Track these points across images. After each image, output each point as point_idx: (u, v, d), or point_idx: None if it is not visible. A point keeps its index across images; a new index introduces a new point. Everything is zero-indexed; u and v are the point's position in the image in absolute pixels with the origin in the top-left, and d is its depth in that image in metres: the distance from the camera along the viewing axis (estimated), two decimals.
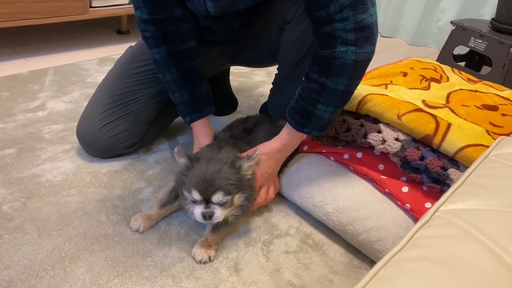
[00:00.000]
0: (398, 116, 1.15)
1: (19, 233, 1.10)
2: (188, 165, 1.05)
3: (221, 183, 1.00)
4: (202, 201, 1.01)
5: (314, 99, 1.07)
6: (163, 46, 1.22)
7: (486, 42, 2.30)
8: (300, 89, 1.11)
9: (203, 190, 0.99)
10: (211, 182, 0.99)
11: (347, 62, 1.00)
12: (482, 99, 1.38)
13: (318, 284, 1.07)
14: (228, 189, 1.01)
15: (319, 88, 1.05)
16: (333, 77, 1.03)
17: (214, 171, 1.01)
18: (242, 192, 1.07)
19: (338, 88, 1.04)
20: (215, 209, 1.01)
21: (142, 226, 1.15)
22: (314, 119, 1.09)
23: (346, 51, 0.99)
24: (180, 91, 1.25)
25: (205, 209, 1.00)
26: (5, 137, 1.48)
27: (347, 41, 0.99)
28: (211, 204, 1.01)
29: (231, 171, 1.03)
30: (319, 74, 1.04)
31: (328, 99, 1.06)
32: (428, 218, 0.59)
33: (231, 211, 1.07)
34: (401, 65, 1.56)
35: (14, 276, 0.98)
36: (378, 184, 1.18)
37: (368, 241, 1.12)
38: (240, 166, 1.05)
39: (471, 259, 0.51)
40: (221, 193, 1.00)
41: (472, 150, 1.05)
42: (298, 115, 1.11)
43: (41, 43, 2.34)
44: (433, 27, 3.09)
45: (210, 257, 1.09)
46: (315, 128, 1.12)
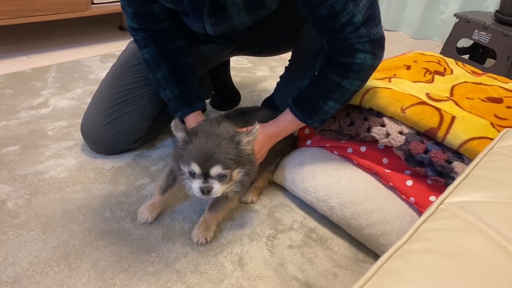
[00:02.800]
0: (402, 110, 1.14)
1: (24, 229, 1.10)
2: (186, 139, 1.02)
3: (220, 157, 0.98)
4: (200, 175, 0.99)
5: (326, 96, 1.11)
6: (152, 46, 1.24)
7: (490, 35, 2.28)
8: (311, 83, 1.12)
9: (202, 163, 0.98)
10: (210, 156, 0.97)
11: (364, 68, 1.06)
12: (486, 91, 1.37)
13: (322, 278, 1.06)
14: (227, 163, 0.99)
15: (333, 86, 1.09)
16: (349, 78, 1.07)
17: (213, 145, 0.99)
18: (241, 167, 1.04)
19: (351, 88, 1.10)
20: (213, 183, 0.99)
21: (149, 217, 1.15)
22: (321, 113, 1.14)
23: (365, 58, 1.04)
24: (170, 88, 1.25)
25: (203, 183, 0.98)
26: (9, 134, 1.49)
27: (364, 50, 1.04)
28: (210, 178, 0.99)
29: (230, 145, 1.01)
30: (336, 74, 1.08)
31: (339, 97, 1.11)
32: (433, 210, 0.59)
33: (230, 186, 1.05)
34: (404, 58, 1.55)
35: (20, 272, 0.99)
36: (382, 178, 1.18)
37: (373, 235, 1.12)
38: (239, 140, 1.02)
39: (476, 251, 0.50)
40: (220, 166, 0.98)
41: (476, 142, 1.05)
42: (307, 107, 1.14)
43: (43, 40, 2.34)
44: (437, 20, 3.07)
45: (207, 238, 1.09)
46: (318, 121, 1.17)
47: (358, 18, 0.99)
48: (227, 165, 0.99)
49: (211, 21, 1.11)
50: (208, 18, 1.10)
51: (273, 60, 2.32)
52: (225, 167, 0.99)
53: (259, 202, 1.29)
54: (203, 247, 1.11)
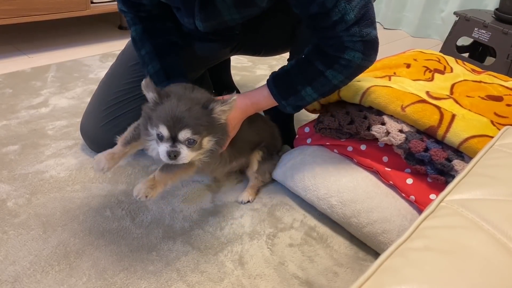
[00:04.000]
0: (402, 108, 1.14)
1: (24, 229, 1.10)
2: (157, 100, 0.98)
3: (190, 122, 0.94)
4: (168, 139, 0.95)
5: (306, 81, 1.10)
6: (139, 24, 1.23)
7: (490, 33, 2.28)
8: (295, 64, 1.12)
9: (171, 126, 0.94)
10: (180, 119, 0.94)
11: (352, 65, 1.06)
12: (486, 89, 1.37)
13: (323, 276, 1.07)
14: (197, 128, 0.95)
15: (316, 74, 1.08)
16: (334, 70, 1.07)
17: (184, 108, 0.95)
18: (212, 136, 1.00)
19: (333, 81, 1.09)
20: (181, 148, 0.95)
21: (106, 166, 1.08)
22: (297, 97, 1.12)
23: (354, 55, 1.04)
24: (152, 63, 1.22)
25: (171, 147, 0.95)
26: (9, 133, 1.49)
27: (355, 49, 1.03)
28: (178, 143, 0.95)
29: (203, 111, 0.97)
30: (321, 63, 1.07)
31: (319, 87, 1.10)
32: (433, 208, 0.59)
33: (199, 154, 1.01)
34: (404, 57, 1.55)
35: (20, 271, 0.99)
36: (382, 176, 1.18)
37: (373, 233, 1.12)
38: (213, 108, 0.98)
39: (477, 248, 0.50)
40: (189, 131, 0.94)
41: (476, 141, 1.05)
42: (285, 88, 1.12)
43: (43, 40, 2.34)
44: (436, 18, 3.07)
45: (147, 196, 1.02)
46: (292, 106, 1.15)
47: (351, 16, 0.98)
48: (197, 130, 0.95)
49: (202, 17, 1.11)
50: (199, 14, 1.10)
51: (272, 59, 2.32)
52: (195, 132, 0.95)
53: (259, 200, 1.29)
54: (203, 245, 1.11)
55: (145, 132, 1.03)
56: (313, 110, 1.42)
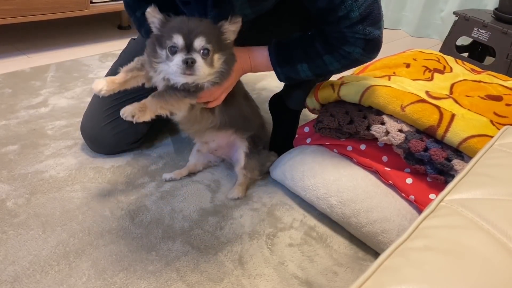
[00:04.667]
0: (401, 107, 1.14)
1: (23, 229, 1.10)
2: (164, 20, 1.01)
3: (204, 30, 0.97)
4: (183, 49, 0.97)
5: (304, 58, 1.13)
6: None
7: (489, 33, 2.28)
8: (298, 39, 1.15)
9: (186, 34, 0.96)
10: (194, 28, 0.97)
11: (350, 57, 1.10)
12: (486, 89, 1.37)
13: (322, 276, 1.06)
14: (210, 37, 0.98)
15: (315, 55, 1.12)
16: (332, 57, 1.11)
17: (197, 20, 1.00)
18: (222, 53, 1.03)
19: (329, 67, 1.13)
20: (196, 57, 0.97)
21: (104, 89, 1.05)
22: (292, 69, 1.15)
23: (354, 50, 1.08)
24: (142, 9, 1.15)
25: (186, 55, 0.96)
26: (8, 133, 1.48)
27: (356, 44, 1.07)
28: (193, 52, 0.97)
29: (212, 26, 1.02)
30: (322, 46, 1.11)
31: (315, 67, 1.14)
32: (433, 208, 0.59)
33: (210, 73, 1.02)
34: (404, 56, 1.55)
35: (20, 271, 0.99)
36: (382, 176, 1.18)
37: (373, 233, 1.12)
38: (221, 25, 1.02)
39: (477, 248, 0.50)
40: (203, 38, 0.96)
41: (476, 140, 1.04)
42: (283, 57, 1.15)
43: (43, 40, 2.34)
44: (436, 18, 3.06)
45: (135, 116, 1.01)
46: (284, 75, 1.18)
47: (356, 14, 1.01)
48: (210, 39, 0.98)
49: (215, 14, 1.10)
50: (212, 11, 1.09)
51: None
52: (209, 41, 0.97)
53: (259, 200, 1.29)
54: (203, 245, 1.11)
55: (152, 56, 1.03)
56: (312, 110, 1.42)
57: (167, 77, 1.03)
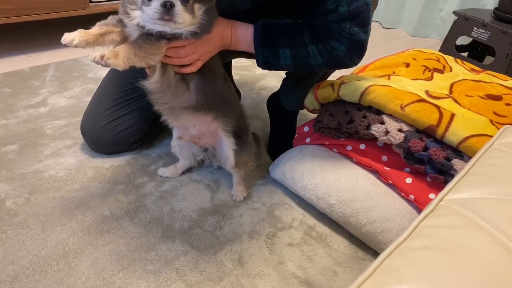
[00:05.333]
0: (401, 107, 1.14)
1: (23, 228, 1.10)
2: None
3: None
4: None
5: (289, 44, 1.10)
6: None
7: (489, 32, 2.28)
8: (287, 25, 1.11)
9: None
10: None
11: (334, 53, 1.08)
12: (485, 89, 1.37)
13: (322, 276, 1.06)
14: None
15: (300, 42, 1.09)
16: (316, 49, 1.08)
17: None
18: (202, 3, 0.96)
19: (311, 60, 1.10)
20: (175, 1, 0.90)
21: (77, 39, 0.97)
22: (273, 52, 1.12)
23: (339, 47, 1.07)
24: None
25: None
26: (8, 133, 1.48)
27: (341, 41, 1.06)
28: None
29: None
30: (308, 35, 1.08)
31: (297, 56, 1.10)
32: (432, 207, 0.59)
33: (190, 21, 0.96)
34: (403, 56, 1.55)
35: (19, 271, 0.99)
36: (381, 176, 1.18)
37: (372, 232, 1.12)
38: None
39: (476, 248, 0.50)
40: None
41: (476, 140, 1.04)
42: (269, 38, 1.11)
43: (42, 39, 2.34)
44: (436, 17, 3.07)
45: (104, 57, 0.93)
46: (264, 58, 1.13)
47: (344, 9, 1.01)
48: None
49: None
50: None
51: None
52: None
53: (258, 200, 1.29)
54: (203, 244, 1.11)
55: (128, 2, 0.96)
56: (312, 110, 1.42)
57: (141, 24, 0.96)
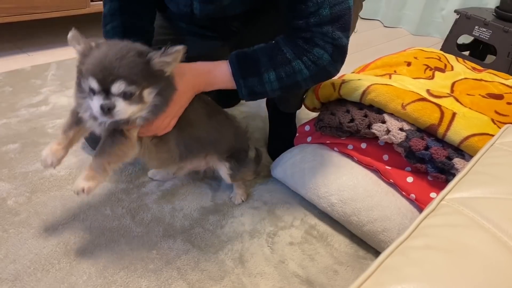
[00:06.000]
0: (402, 106, 1.14)
1: (24, 227, 1.10)
2: (85, 51, 0.87)
3: (123, 71, 0.82)
4: (100, 92, 0.83)
5: (273, 64, 1.02)
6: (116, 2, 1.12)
7: (491, 31, 2.28)
8: (264, 47, 1.04)
9: (101, 78, 0.82)
10: (110, 69, 0.82)
11: (319, 63, 1.02)
12: (487, 88, 1.37)
13: (323, 275, 1.07)
14: (132, 78, 0.83)
15: (284, 60, 1.02)
16: (302, 62, 1.02)
17: (115, 57, 0.83)
18: (154, 87, 0.88)
19: (297, 76, 1.03)
20: (116, 101, 0.83)
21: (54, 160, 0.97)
22: (257, 80, 1.03)
23: (323, 55, 1.01)
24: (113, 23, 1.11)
25: (104, 100, 0.83)
26: (9, 132, 1.48)
27: (325, 48, 1.01)
28: (112, 96, 0.83)
29: (138, 59, 0.85)
30: (291, 50, 1.02)
31: (283, 76, 1.03)
32: (434, 206, 0.59)
33: (140, 109, 0.89)
34: (404, 55, 1.55)
35: (20, 270, 0.99)
36: (382, 175, 1.18)
37: (373, 231, 1.12)
38: (150, 58, 0.86)
39: (478, 247, 0.50)
40: (122, 82, 0.82)
41: (477, 139, 1.04)
42: (248, 65, 1.03)
43: (43, 38, 2.34)
44: (437, 16, 3.06)
45: (85, 189, 0.90)
46: (248, 89, 1.04)
47: (326, 12, 0.98)
48: (133, 80, 0.83)
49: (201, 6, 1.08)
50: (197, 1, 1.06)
51: None
52: (130, 83, 0.83)
53: (259, 199, 1.29)
54: (204, 243, 1.11)
55: (78, 90, 0.91)
56: (313, 109, 1.42)
57: (93, 114, 0.90)
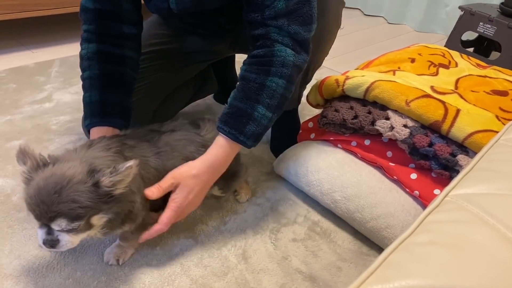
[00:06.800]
0: (406, 103, 1.14)
1: (29, 223, 1.11)
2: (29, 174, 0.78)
3: (63, 208, 0.74)
4: (42, 226, 0.78)
5: (253, 100, 0.98)
6: (93, 43, 1.09)
7: (495, 27, 2.26)
8: (235, 92, 1.01)
9: (39, 215, 0.75)
10: (48, 206, 0.74)
11: (286, 62, 0.98)
12: (491, 84, 1.36)
13: (326, 271, 1.07)
14: (75, 213, 0.75)
15: (258, 87, 0.98)
16: (272, 76, 0.98)
17: (53, 190, 0.74)
18: (105, 212, 0.80)
19: (278, 90, 0.99)
20: (59, 235, 0.78)
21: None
22: (253, 123, 0.98)
23: (285, 51, 0.98)
24: (91, 92, 1.08)
25: (46, 235, 0.77)
26: (13, 128, 1.49)
27: (284, 43, 0.98)
28: (54, 231, 0.77)
29: (83, 187, 0.76)
30: (257, 73, 0.99)
31: (268, 101, 0.98)
32: (438, 203, 0.59)
33: (92, 233, 0.84)
34: (408, 51, 1.54)
35: (25, 265, 0.99)
36: (386, 171, 1.18)
37: (377, 228, 1.12)
38: (98, 181, 0.77)
39: (482, 243, 0.50)
40: (63, 220, 0.75)
41: (481, 135, 1.04)
42: (235, 120, 0.98)
43: (47, 35, 2.34)
44: (441, 12, 3.04)
45: (119, 259, 1.01)
46: (252, 136, 0.99)
47: (282, 5, 0.95)
48: (76, 215, 0.75)
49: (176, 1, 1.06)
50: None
51: None
52: (73, 219, 0.75)
53: (262, 195, 1.29)
54: (207, 240, 1.12)
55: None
56: (316, 105, 1.41)
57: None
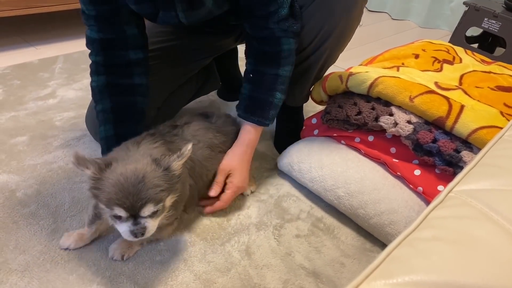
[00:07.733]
0: (410, 99, 1.13)
1: (33, 219, 1.11)
2: (98, 175, 0.83)
3: (151, 193, 0.81)
4: (128, 218, 0.83)
5: (271, 89, 1.14)
6: (103, 76, 1.14)
7: (500, 23, 2.25)
8: (251, 85, 1.16)
9: (129, 206, 0.81)
10: (137, 195, 0.80)
11: (291, 50, 1.12)
12: (496, 80, 1.35)
13: (329, 267, 1.07)
14: (159, 197, 0.83)
15: (273, 79, 1.13)
16: (283, 66, 1.13)
17: (137, 180, 0.81)
18: (174, 193, 0.89)
19: (287, 74, 1.15)
20: (146, 223, 0.84)
21: (72, 244, 1.03)
22: (273, 109, 1.16)
23: (290, 42, 1.11)
24: (105, 125, 1.13)
25: (134, 225, 0.83)
26: (17, 125, 1.50)
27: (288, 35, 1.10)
28: (141, 218, 0.83)
29: (158, 173, 0.84)
30: (269, 67, 1.13)
31: (282, 86, 1.15)
32: (441, 198, 0.59)
33: (164, 216, 0.91)
34: (413, 47, 1.53)
35: (30, 260, 1.00)
36: (389, 168, 1.17)
37: (380, 224, 1.12)
38: (168, 166, 0.86)
39: (486, 238, 0.50)
40: (151, 204, 0.82)
41: (486, 131, 1.04)
42: (260, 109, 1.16)
43: (50, 31, 2.35)
44: (445, 8, 3.03)
45: (124, 255, 1.02)
46: (273, 118, 1.18)
47: (285, 11, 1.06)
48: (160, 199, 0.84)
49: (184, 7, 1.06)
50: (180, 4, 1.05)
51: None
52: (158, 201, 0.84)
53: (266, 191, 1.30)
54: (210, 235, 1.12)
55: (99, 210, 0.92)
56: (320, 102, 1.41)
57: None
